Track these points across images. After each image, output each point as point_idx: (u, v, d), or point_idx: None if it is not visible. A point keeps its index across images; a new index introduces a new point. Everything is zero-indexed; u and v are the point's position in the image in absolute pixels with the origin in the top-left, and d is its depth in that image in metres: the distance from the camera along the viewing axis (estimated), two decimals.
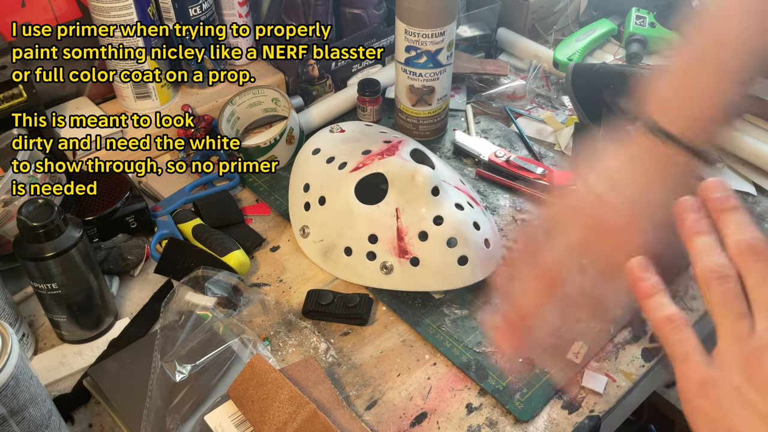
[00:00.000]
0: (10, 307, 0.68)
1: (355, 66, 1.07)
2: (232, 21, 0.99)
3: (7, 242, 0.74)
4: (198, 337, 0.68)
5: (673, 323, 0.42)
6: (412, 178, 0.74)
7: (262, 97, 0.97)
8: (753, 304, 0.39)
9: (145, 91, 0.93)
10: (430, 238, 0.73)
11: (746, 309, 0.39)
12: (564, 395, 0.69)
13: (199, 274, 0.73)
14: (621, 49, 1.17)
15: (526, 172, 0.91)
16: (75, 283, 0.67)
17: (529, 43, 1.16)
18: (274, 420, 0.61)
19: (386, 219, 0.74)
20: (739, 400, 0.37)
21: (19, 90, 0.80)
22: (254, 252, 0.83)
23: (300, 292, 0.78)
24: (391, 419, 0.66)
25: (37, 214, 0.64)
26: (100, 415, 0.67)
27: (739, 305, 0.39)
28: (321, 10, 0.99)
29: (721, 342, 0.40)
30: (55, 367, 0.70)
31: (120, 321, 0.75)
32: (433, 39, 0.87)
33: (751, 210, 0.90)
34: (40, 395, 0.56)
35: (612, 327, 0.73)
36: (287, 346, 0.73)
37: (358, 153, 0.79)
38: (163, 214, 0.84)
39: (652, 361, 0.72)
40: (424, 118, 0.96)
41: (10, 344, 0.52)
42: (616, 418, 0.77)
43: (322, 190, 0.79)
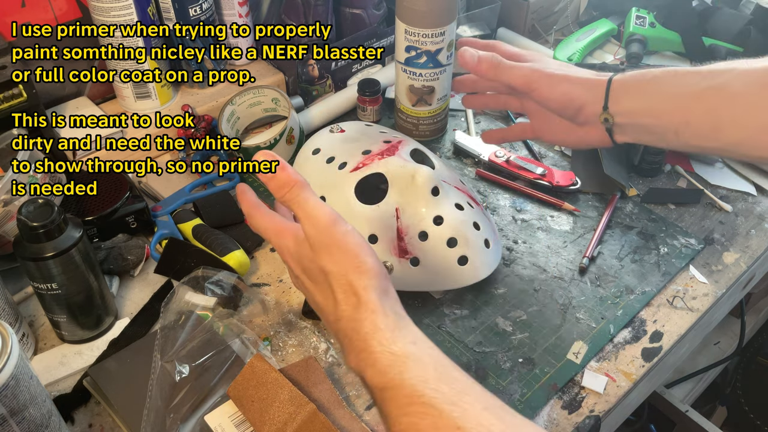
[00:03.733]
0: (10, 307, 0.68)
1: (355, 66, 1.07)
2: (232, 21, 0.99)
3: (7, 242, 0.74)
4: (198, 337, 0.68)
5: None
6: (412, 179, 0.74)
7: (262, 97, 0.97)
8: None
9: (145, 91, 0.93)
10: (430, 238, 0.73)
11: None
12: (564, 395, 0.69)
13: (199, 274, 0.72)
14: (621, 49, 1.17)
15: (526, 172, 0.91)
16: (75, 283, 0.67)
17: (529, 43, 1.16)
18: (274, 420, 0.61)
19: (386, 219, 0.74)
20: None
21: (19, 90, 0.80)
22: (254, 252, 0.83)
23: (300, 293, 0.77)
24: None
25: (37, 214, 0.64)
26: (100, 415, 0.67)
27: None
28: (321, 10, 0.99)
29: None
30: (55, 367, 0.70)
31: (120, 321, 0.75)
32: (433, 39, 0.87)
33: (750, 210, 0.90)
34: (40, 395, 0.56)
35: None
36: (287, 346, 0.73)
37: (358, 153, 0.79)
38: (163, 214, 0.85)
39: (652, 360, 0.72)
40: (424, 118, 0.96)
41: (10, 344, 0.52)
42: (616, 418, 0.77)
43: (322, 190, 0.79)
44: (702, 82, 0.63)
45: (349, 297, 0.51)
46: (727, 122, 0.62)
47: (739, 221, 0.88)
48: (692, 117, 0.63)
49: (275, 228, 0.58)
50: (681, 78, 0.65)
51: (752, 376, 1.47)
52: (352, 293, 0.51)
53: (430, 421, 0.44)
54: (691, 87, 0.64)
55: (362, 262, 0.52)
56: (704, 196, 0.91)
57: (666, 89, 0.65)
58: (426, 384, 0.45)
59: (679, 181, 0.94)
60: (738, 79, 0.61)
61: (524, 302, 0.77)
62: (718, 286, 0.80)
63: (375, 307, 0.50)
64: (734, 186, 0.93)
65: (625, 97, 0.66)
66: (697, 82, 0.63)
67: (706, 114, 0.63)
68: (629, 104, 0.66)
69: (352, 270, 0.52)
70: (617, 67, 1.08)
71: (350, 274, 0.52)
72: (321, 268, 0.53)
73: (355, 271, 0.52)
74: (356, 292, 0.51)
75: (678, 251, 0.84)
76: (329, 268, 0.52)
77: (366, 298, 0.51)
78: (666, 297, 0.79)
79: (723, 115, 0.62)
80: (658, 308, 0.78)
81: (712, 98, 0.62)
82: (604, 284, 0.80)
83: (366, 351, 0.49)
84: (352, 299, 0.51)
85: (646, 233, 0.86)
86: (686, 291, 0.80)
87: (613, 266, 0.82)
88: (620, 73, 0.68)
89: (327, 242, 0.53)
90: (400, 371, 0.47)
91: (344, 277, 0.52)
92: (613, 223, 0.87)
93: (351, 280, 0.52)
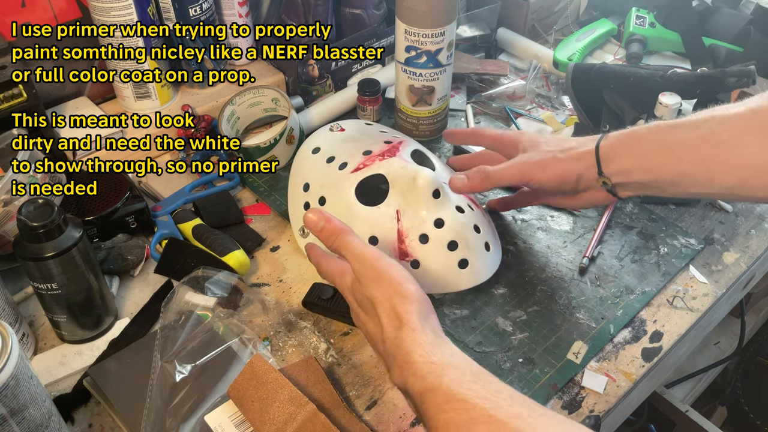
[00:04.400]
0: (10, 307, 0.68)
1: (355, 66, 1.07)
2: (232, 21, 0.99)
3: (7, 242, 0.74)
4: (198, 337, 0.68)
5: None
6: (413, 181, 0.74)
7: (262, 97, 0.97)
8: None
9: (145, 91, 0.93)
10: (431, 241, 0.73)
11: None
12: (564, 395, 0.69)
13: (199, 274, 0.72)
14: (621, 49, 1.17)
15: None
16: (75, 283, 0.67)
17: (529, 43, 1.16)
18: (274, 420, 0.61)
19: (387, 221, 0.74)
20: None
21: (19, 90, 0.80)
22: (254, 252, 0.83)
23: (300, 293, 0.78)
24: (391, 419, 0.66)
25: (37, 214, 0.64)
26: (100, 415, 0.67)
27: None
28: (321, 10, 0.99)
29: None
30: (55, 367, 0.70)
31: (120, 321, 0.75)
32: (433, 39, 0.87)
33: (750, 210, 0.90)
34: (40, 395, 0.56)
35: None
36: (287, 346, 0.73)
37: (358, 153, 0.79)
38: (163, 214, 0.84)
39: (652, 360, 0.72)
40: (424, 118, 0.96)
41: (10, 344, 0.52)
42: (616, 418, 0.77)
43: (322, 190, 0.79)
44: (687, 134, 0.65)
45: (392, 320, 0.57)
46: (718, 169, 0.63)
47: (739, 221, 0.88)
48: (685, 167, 0.65)
49: (339, 270, 0.66)
50: (666, 133, 0.66)
51: (752, 376, 1.47)
52: (396, 316, 0.57)
53: (465, 415, 0.48)
54: (678, 139, 0.65)
55: (405, 288, 0.58)
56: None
57: (653, 146, 0.66)
58: (461, 385, 0.50)
59: None
60: (720, 126, 0.63)
61: (524, 302, 0.77)
62: (718, 286, 0.80)
63: (415, 327, 0.56)
64: None
65: (616, 160, 0.68)
66: (681, 134, 0.65)
67: (697, 164, 0.64)
68: (621, 165, 0.68)
69: (396, 296, 0.58)
70: (616, 67, 1.08)
71: (394, 299, 0.58)
72: (369, 298, 0.59)
73: (398, 296, 0.58)
74: (399, 315, 0.57)
75: (678, 251, 0.84)
76: (376, 296, 0.59)
77: (407, 320, 0.56)
78: (666, 297, 0.79)
79: (712, 162, 0.63)
80: (658, 308, 0.78)
81: (700, 147, 0.64)
82: (604, 284, 0.80)
83: (408, 362, 0.54)
84: (395, 321, 0.57)
85: (646, 233, 0.86)
86: (686, 291, 0.80)
87: (613, 266, 0.82)
88: (604, 137, 0.70)
89: (373, 275, 0.60)
90: (438, 375, 0.52)
91: (388, 301, 0.58)
92: (613, 223, 0.87)
93: (394, 304, 0.57)
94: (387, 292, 0.58)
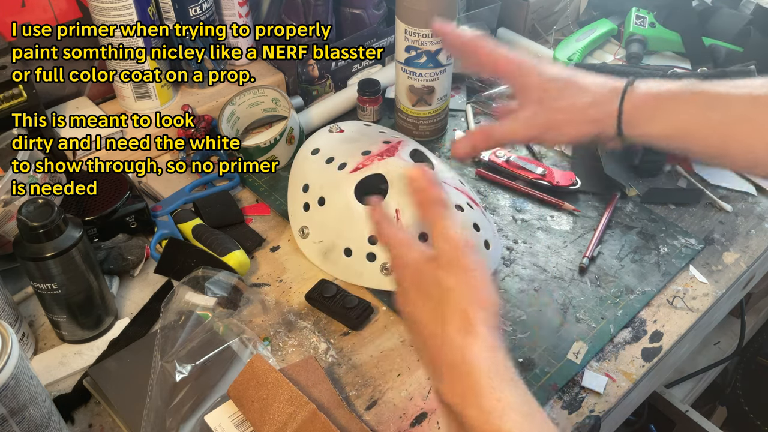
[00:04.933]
0: (10, 307, 0.68)
1: (355, 66, 1.07)
2: (232, 21, 0.99)
3: (7, 242, 0.74)
4: (198, 337, 0.68)
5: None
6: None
7: (262, 97, 0.97)
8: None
9: (145, 91, 0.93)
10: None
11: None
12: (564, 395, 0.69)
13: (199, 274, 0.73)
14: (621, 49, 1.17)
15: (526, 172, 0.91)
16: (75, 283, 0.67)
17: (529, 43, 1.16)
18: (274, 420, 0.61)
19: None
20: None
21: (19, 90, 0.80)
22: (254, 252, 0.83)
23: (300, 293, 0.78)
24: (391, 419, 0.66)
25: (37, 214, 0.64)
26: (100, 415, 0.67)
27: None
28: (321, 10, 0.99)
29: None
30: (55, 367, 0.70)
31: (120, 321, 0.75)
32: (433, 39, 0.87)
33: (750, 210, 0.90)
34: (40, 395, 0.56)
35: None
36: (287, 346, 0.73)
37: (357, 153, 0.79)
38: (163, 214, 0.84)
39: (652, 360, 0.72)
40: (424, 118, 0.96)
41: (10, 344, 0.52)
42: (616, 418, 0.77)
43: (321, 190, 0.79)
44: (728, 110, 0.60)
45: (461, 321, 0.50)
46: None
47: (739, 221, 0.88)
48: (730, 147, 0.61)
49: (405, 240, 0.57)
50: (706, 102, 0.61)
51: (752, 376, 1.47)
52: (465, 318, 0.50)
53: None
54: (720, 113, 0.60)
55: (487, 293, 0.52)
56: (704, 196, 0.91)
57: (688, 115, 0.62)
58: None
59: (679, 181, 0.94)
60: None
61: (524, 302, 0.77)
62: (718, 286, 0.80)
63: (485, 338, 0.50)
64: (734, 186, 0.93)
65: (641, 125, 0.62)
66: (722, 107, 0.60)
67: (740, 143, 0.60)
68: (646, 130, 0.63)
69: (474, 298, 0.51)
70: (616, 67, 1.08)
71: (471, 299, 0.51)
72: (442, 284, 0.52)
73: (474, 299, 0.51)
74: (469, 318, 0.50)
75: (678, 251, 0.84)
76: (452, 286, 0.52)
77: (478, 330, 0.50)
78: (666, 297, 0.79)
79: (759, 143, 0.59)
80: (658, 308, 0.78)
81: (742, 126, 0.60)
82: (604, 284, 0.80)
83: (471, 387, 0.48)
84: (464, 324, 0.50)
85: (646, 233, 0.86)
86: (686, 291, 0.80)
87: (613, 266, 0.82)
88: (629, 93, 0.63)
89: (457, 264, 0.52)
90: (499, 416, 0.47)
91: (464, 299, 0.51)
92: (613, 223, 0.87)
93: (467, 306, 0.51)
94: (465, 290, 0.51)
